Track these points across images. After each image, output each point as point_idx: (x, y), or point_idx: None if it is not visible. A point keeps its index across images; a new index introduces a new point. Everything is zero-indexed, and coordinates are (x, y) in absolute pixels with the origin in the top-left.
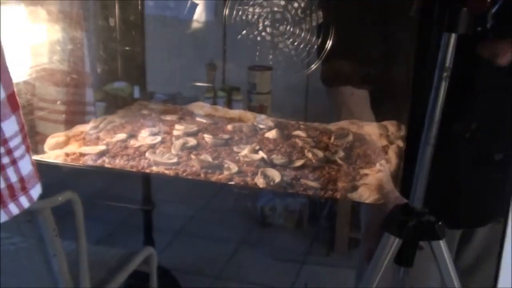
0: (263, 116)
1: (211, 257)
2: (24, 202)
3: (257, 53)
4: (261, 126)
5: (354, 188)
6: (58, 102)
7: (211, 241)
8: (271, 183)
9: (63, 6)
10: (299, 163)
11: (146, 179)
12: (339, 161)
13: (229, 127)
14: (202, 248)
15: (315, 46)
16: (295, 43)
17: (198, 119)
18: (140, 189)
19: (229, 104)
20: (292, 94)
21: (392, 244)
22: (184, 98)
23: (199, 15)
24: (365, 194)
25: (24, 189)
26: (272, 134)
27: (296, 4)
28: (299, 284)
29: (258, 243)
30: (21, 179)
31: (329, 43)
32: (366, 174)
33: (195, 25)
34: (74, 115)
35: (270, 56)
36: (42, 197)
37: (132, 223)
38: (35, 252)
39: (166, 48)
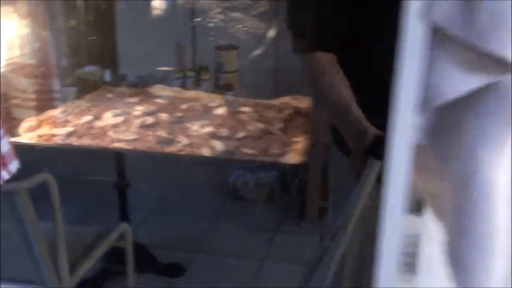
0: (214, 95)
1: (186, 231)
2: (5, 175)
3: (211, 38)
4: (212, 104)
5: (285, 153)
6: (29, 91)
7: (185, 217)
8: (215, 152)
9: (31, 7)
10: (241, 134)
11: (120, 159)
12: (277, 132)
13: (184, 106)
14: (177, 223)
15: (263, 31)
16: (245, 28)
17: (157, 100)
18: (114, 168)
19: (198, 83)
20: (259, 72)
21: (375, 166)
22: (154, 79)
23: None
24: (291, 158)
25: (4, 165)
26: (221, 110)
27: None
28: (272, 253)
29: (232, 217)
30: (1, 156)
31: (276, 30)
32: (297, 142)
33: (164, 9)
34: (44, 102)
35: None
36: (19, 179)
37: (108, 202)
38: (15, 233)
39: (137, 32)
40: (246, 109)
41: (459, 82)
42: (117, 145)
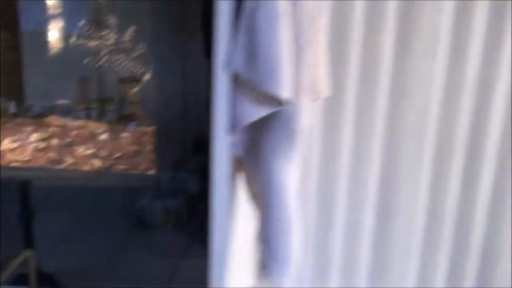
0: (100, 124)
1: (94, 260)
2: None
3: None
4: (98, 131)
5: (150, 168)
6: None
7: (93, 244)
8: (93, 169)
9: None
10: (118, 154)
11: (25, 188)
12: (146, 152)
13: (74, 132)
14: (85, 252)
15: (141, 70)
16: (126, 68)
17: (51, 128)
18: (19, 198)
19: (103, 114)
20: (163, 101)
21: None
22: (60, 110)
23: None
24: (153, 171)
25: None
26: (105, 136)
27: (125, 38)
28: (179, 278)
29: (139, 244)
30: None
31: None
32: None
33: (70, 43)
34: None
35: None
36: None
37: (13, 231)
38: None
39: (45, 64)
40: (126, 134)
41: (253, 111)
42: (13, 165)
